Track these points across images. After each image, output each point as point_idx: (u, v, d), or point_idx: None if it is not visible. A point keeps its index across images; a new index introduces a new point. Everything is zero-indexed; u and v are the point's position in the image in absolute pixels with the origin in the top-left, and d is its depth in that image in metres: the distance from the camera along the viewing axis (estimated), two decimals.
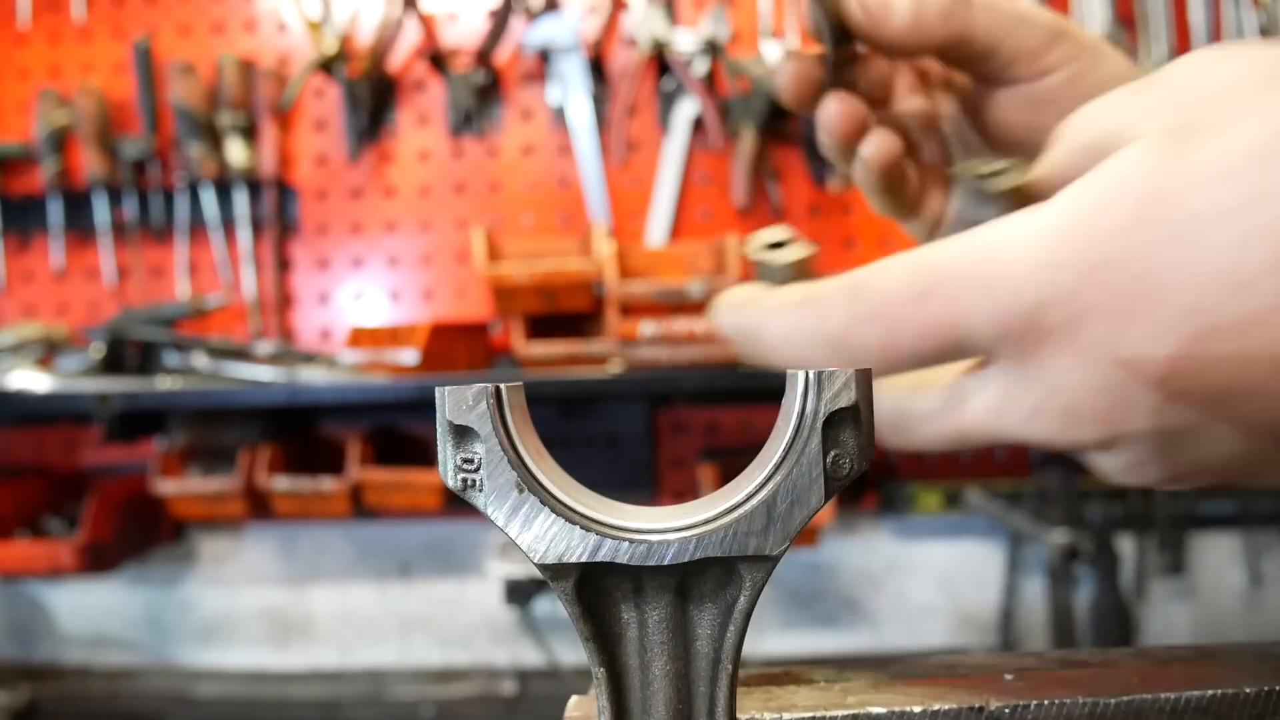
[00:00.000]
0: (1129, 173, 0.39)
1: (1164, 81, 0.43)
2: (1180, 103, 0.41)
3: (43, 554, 2.25)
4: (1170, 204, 0.37)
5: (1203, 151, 0.37)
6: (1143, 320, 0.38)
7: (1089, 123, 0.45)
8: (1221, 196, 0.37)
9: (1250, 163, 0.36)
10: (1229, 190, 0.36)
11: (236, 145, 2.52)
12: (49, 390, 2.17)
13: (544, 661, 2.48)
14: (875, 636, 2.52)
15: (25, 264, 2.68)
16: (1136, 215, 0.38)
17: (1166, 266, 0.37)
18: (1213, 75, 0.41)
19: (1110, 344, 0.39)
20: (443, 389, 0.36)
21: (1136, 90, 0.43)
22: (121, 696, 2.51)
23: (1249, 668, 0.39)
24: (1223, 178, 0.37)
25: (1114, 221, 0.38)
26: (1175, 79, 0.42)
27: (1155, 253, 0.38)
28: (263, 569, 2.64)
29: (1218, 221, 0.36)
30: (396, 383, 2.12)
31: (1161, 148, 0.39)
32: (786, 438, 0.36)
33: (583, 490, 0.38)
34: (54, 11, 2.65)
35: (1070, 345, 0.40)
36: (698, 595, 0.37)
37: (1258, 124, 0.37)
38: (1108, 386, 0.40)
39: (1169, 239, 0.37)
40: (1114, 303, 0.38)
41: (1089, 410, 0.41)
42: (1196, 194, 0.37)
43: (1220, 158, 0.37)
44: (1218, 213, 0.36)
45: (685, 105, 2.49)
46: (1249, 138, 0.37)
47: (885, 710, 0.37)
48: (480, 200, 2.61)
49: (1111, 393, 0.40)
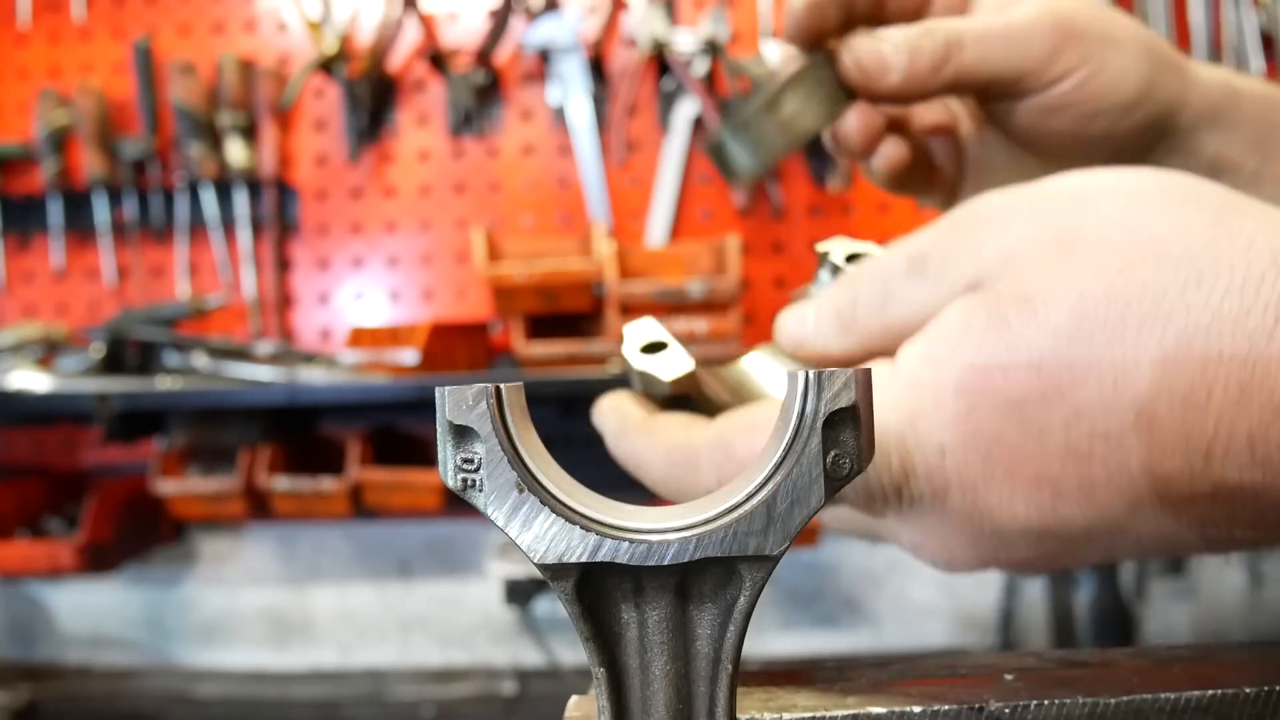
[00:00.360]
0: (954, 353, 0.42)
1: (966, 232, 0.44)
2: (982, 255, 0.43)
3: (43, 554, 2.25)
4: (993, 391, 0.40)
5: (1015, 333, 0.40)
6: (994, 494, 0.42)
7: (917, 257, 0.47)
8: (1035, 385, 0.39)
9: (1054, 348, 0.39)
10: (1041, 378, 0.39)
11: (236, 145, 2.52)
12: (49, 390, 2.17)
13: (544, 661, 2.48)
14: (875, 636, 2.52)
15: (25, 264, 2.68)
16: (968, 403, 0.41)
17: (1003, 448, 0.41)
18: (1012, 230, 0.42)
19: (971, 510, 0.43)
20: (443, 389, 0.36)
21: (952, 230, 0.45)
22: (121, 696, 2.51)
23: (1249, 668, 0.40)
24: (1036, 366, 0.39)
25: (948, 407, 0.42)
26: (976, 230, 0.44)
27: (991, 438, 0.41)
28: (263, 569, 2.64)
29: (1038, 405, 0.39)
30: (396, 383, 2.12)
31: (980, 326, 0.41)
32: (786, 438, 0.36)
33: (583, 490, 0.38)
34: (54, 11, 2.65)
35: (935, 509, 0.44)
36: (698, 595, 0.37)
37: (1061, 303, 0.39)
38: (975, 539, 0.44)
39: (1000, 425, 0.40)
40: (966, 478, 0.42)
41: (961, 553, 0.46)
42: (1014, 381, 0.40)
43: (1030, 343, 0.39)
44: (1037, 397, 0.39)
45: (685, 105, 2.49)
46: (1054, 323, 0.39)
47: (885, 710, 0.37)
48: (480, 200, 2.61)
49: (979, 543, 0.44)
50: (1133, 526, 0.40)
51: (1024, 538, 0.43)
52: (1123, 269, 0.38)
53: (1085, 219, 0.40)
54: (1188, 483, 0.38)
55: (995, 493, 0.41)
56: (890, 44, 0.60)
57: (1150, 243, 0.38)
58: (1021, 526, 0.42)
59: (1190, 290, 0.36)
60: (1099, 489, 0.39)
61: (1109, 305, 0.38)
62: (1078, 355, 0.38)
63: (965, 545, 0.45)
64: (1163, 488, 0.38)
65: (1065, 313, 0.39)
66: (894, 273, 0.46)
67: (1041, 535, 0.42)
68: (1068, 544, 0.42)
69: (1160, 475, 0.38)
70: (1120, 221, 0.40)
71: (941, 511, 0.44)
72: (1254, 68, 2.29)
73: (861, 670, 0.43)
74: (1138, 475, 0.38)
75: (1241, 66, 2.30)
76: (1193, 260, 0.37)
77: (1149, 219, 0.39)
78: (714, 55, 2.45)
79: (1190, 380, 0.36)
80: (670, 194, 2.53)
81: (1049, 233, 0.41)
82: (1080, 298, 0.38)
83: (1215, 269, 0.36)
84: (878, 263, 0.48)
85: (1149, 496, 0.39)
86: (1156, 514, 0.40)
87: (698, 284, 2.12)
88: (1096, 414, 0.38)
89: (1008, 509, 0.42)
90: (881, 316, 0.47)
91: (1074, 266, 0.39)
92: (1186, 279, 0.37)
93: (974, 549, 0.45)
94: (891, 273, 0.46)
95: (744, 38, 2.51)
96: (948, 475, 0.42)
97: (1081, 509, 0.40)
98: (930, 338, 0.43)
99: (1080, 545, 0.42)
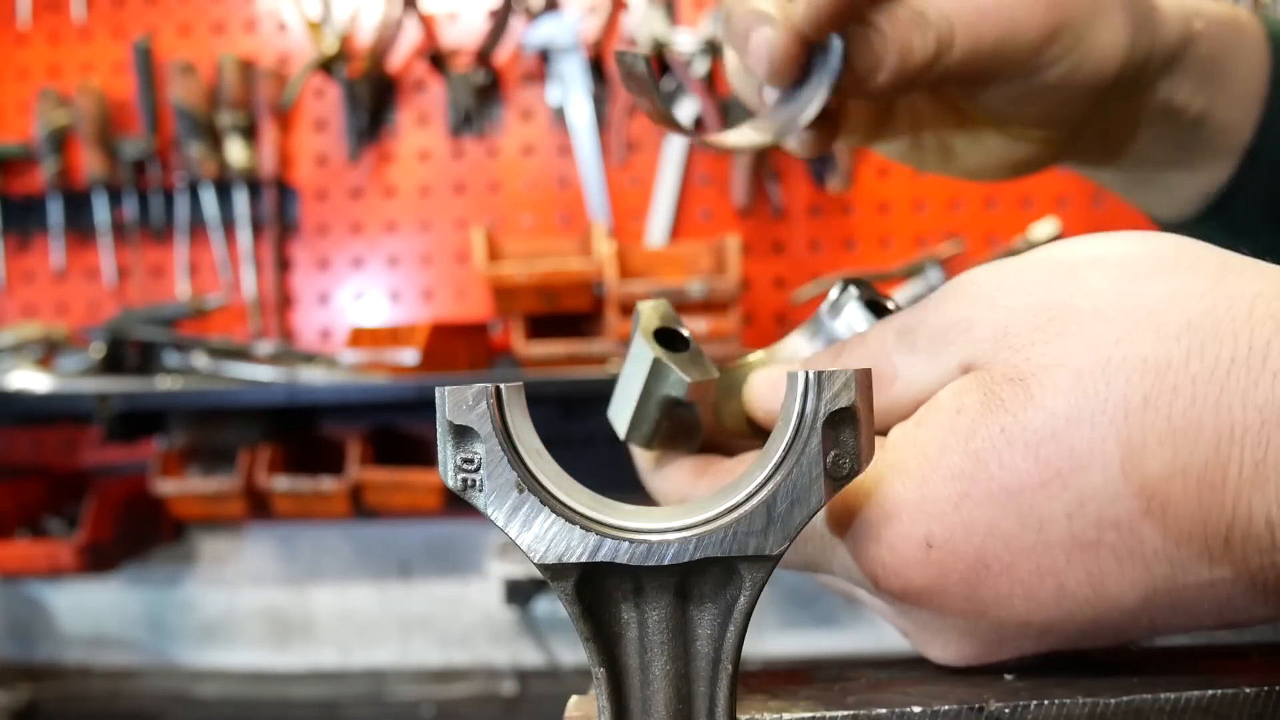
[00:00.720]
0: (945, 439, 0.39)
1: (956, 306, 0.42)
2: (974, 333, 0.41)
3: (43, 554, 2.24)
4: (987, 479, 0.38)
5: (1011, 416, 0.38)
6: (989, 589, 0.39)
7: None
8: (1033, 471, 0.37)
9: (1053, 430, 0.37)
10: (1039, 464, 0.37)
11: (236, 145, 2.52)
12: (49, 390, 2.17)
13: (544, 661, 2.48)
14: (875, 636, 2.51)
15: (25, 264, 2.68)
16: (960, 491, 0.39)
17: (998, 540, 0.38)
18: (1001, 305, 0.40)
19: (964, 607, 0.40)
20: (443, 389, 0.36)
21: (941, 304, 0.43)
22: (121, 696, 2.51)
23: (1249, 668, 0.39)
24: (1033, 451, 0.37)
25: (938, 496, 0.39)
26: (966, 305, 0.42)
27: (986, 530, 0.38)
28: (263, 569, 2.64)
29: (1037, 492, 0.37)
30: (396, 383, 2.12)
31: (974, 409, 0.39)
32: (786, 438, 0.36)
33: (583, 490, 0.38)
34: (54, 11, 2.65)
35: (922, 604, 0.41)
36: (698, 595, 0.37)
37: (1058, 382, 0.37)
38: (970, 634, 0.42)
39: (994, 515, 0.38)
40: (956, 573, 0.39)
41: (957, 648, 0.43)
42: (1010, 468, 0.37)
43: (1026, 425, 0.37)
44: (1036, 485, 0.37)
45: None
46: (1050, 405, 0.37)
47: (885, 710, 0.37)
48: (480, 200, 2.61)
49: (974, 639, 0.42)
50: (1146, 617, 0.38)
51: (1025, 631, 0.40)
52: (1119, 341, 0.36)
53: (1076, 291, 0.38)
54: (1207, 569, 0.35)
55: (991, 588, 0.39)
56: (883, 38, 0.55)
57: (1146, 313, 0.36)
58: (1021, 621, 0.39)
59: (1194, 361, 0.34)
60: (1110, 580, 0.37)
61: (1108, 383, 0.35)
62: (1078, 437, 0.36)
63: (961, 641, 0.42)
64: (1180, 576, 0.36)
65: (1062, 393, 0.36)
66: (883, 345, 0.45)
67: (1045, 629, 0.40)
68: (1075, 636, 0.40)
69: (1178, 563, 0.36)
70: (1112, 292, 0.37)
71: (929, 607, 0.42)
72: None
73: (861, 670, 0.43)
74: (1152, 564, 0.36)
75: None
76: (1193, 330, 0.35)
77: (1142, 288, 0.37)
78: (714, 55, 2.45)
79: (1204, 459, 0.34)
80: (670, 194, 2.53)
81: (1040, 307, 0.39)
82: (1077, 376, 0.36)
83: (1218, 338, 0.34)
84: (864, 339, 0.46)
85: (1164, 585, 0.36)
86: (1171, 604, 0.37)
87: (698, 284, 2.12)
88: (1104, 500, 0.36)
89: (1006, 605, 0.39)
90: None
91: (1067, 341, 0.37)
92: (1189, 350, 0.34)
93: (969, 644, 0.42)
94: (881, 345, 0.45)
95: None
96: (933, 570, 0.40)
97: (1090, 603, 0.38)
98: (922, 422, 0.41)
99: (1089, 636, 0.40)
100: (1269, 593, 0.35)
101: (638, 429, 0.49)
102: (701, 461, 0.51)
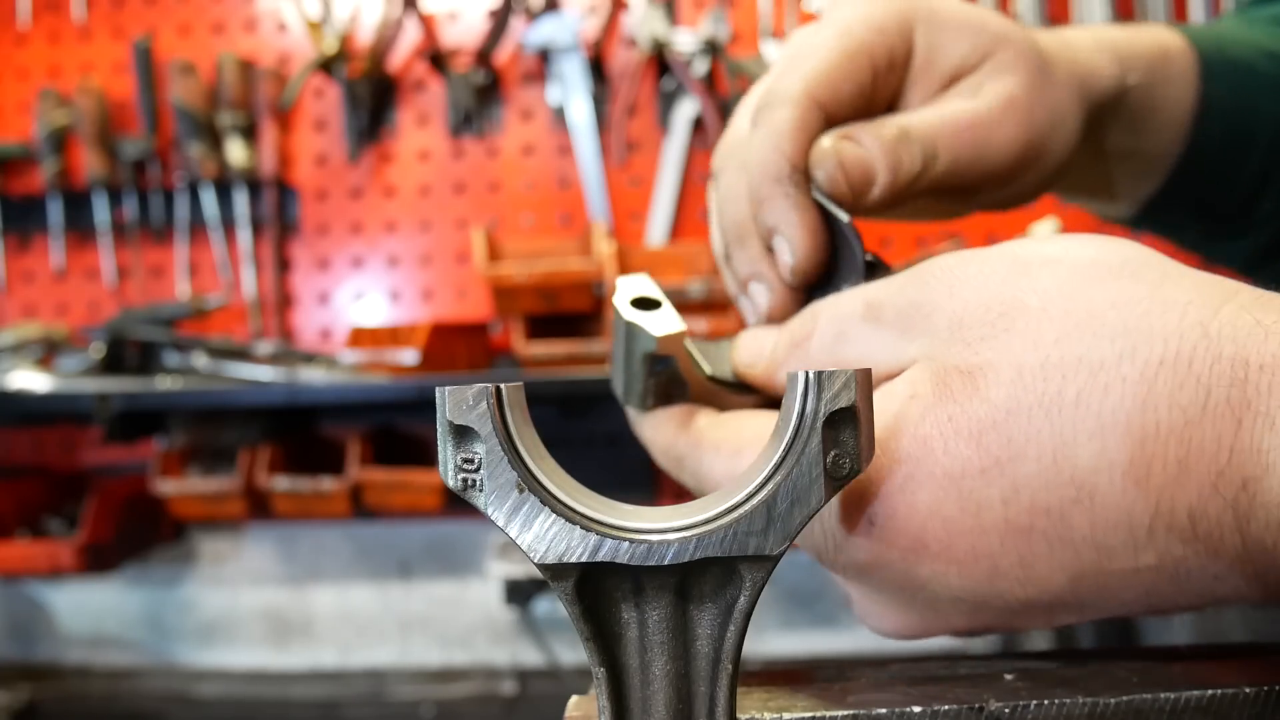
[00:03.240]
0: (896, 423, 0.42)
1: (919, 290, 0.44)
2: (933, 322, 0.43)
3: (43, 554, 2.25)
4: (931, 463, 0.40)
5: (958, 405, 0.40)
6: (926, 568, 0.41)
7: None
8: (974, 459, 0.39)
9: (994, 421, 0.39)
10: (980, 452, 0.39)
11: (236, 145, 2.52)
12: (49, 390, 2.17)
13: (544, 661, 2.48)
14: (875, 636, 2.51)
15: (25, 264, 2.68)
16: (905, 474, 0.41)
17: (937, 522, 0.40)
18: (959, 296, 0.43)
19: (902, 582, 0.43)
20: (443, 389, 0.36)
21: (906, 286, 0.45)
22: (121, 696, 2.51)
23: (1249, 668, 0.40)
24: (975, 439, 0.39)
25: (884, 477, 0.41)
26: (929, 291, 0.44)
27: (927, 511, 0.40)
28: (263, 569, 2.64)
29: (976, 479, 0.39)
30: (396, 383, 2.12)
31: (925, 397, 0.41)
32: (786, 438, 0.36)
33: (583, 490, 0.38)
34: (54, 11, 2.65)
35: (862, 577, 0.44)
36: (698, 595, 0.37)
37: (1001, 375, 0.39)
38: (907, 607, 0.45)
39: (935, 498, 0.40)
40: (895, 550, 0.42)
41: (893, 621, 0.47)
42: (953, 454, 0.40)
43: (971, 415, 0.39)
44: (976, 471, 0.39)
45: (685, 105, 2.49)
46: (993, 397, 0.39)
47: (885, 710, 0.37)
48: (480, 200, 2.61)
49: (911, 611, 0.45)
50: (1074, 599, 0.40)
51: (957, 608, 0.43)
52: (1059, 340, 0.38)
53: (1028, 289, 0.41)
54: (1132, 557, 0.37)
55: (929, 566, 0.41)
56: (872, 154, 0.56)
57: (1087, 315, 0.38)
58: (955, 597, 0.42)
59: (1125, 363, 0.36)
60: (1040, 563, 0.39)
61: (1046, 379, 0.38)
62: (1016, 429, 0.38)
63: (897, 613, 0.46)
64: (1106, 563, 0.38)
65: (1004, 386, 0.39)
66: (851, 315, 0.47)
67: (977, 607, 0.42)
68: (1006, 615, 0.42)
69: (1104, 549, 0.38)
70: (1059, 292, 0.40)
71: (870, 580, 0.44)
72: None
73: (861, 670, 0.43)
74: (1081, 549, 0.38)
75: None
76: (1127, 333, 0.37)
77: (1088, 290, 0.39)
78: (714, 55, 2.45)
79: (1129, 455, 0.36)
80: (670, 194, 2.53)
81: (994, 302, 0.41)
82: (1018, 372, 0.38)
83: (1149, 341, 0.36)
84: (838, 301, 0.49)
85: (1091, 570, 0.39)
86: (1098, 588, 0.39)
87: (698, 284, 2.12)
88: (1036, 487, 0.38)
89: (941, 582, 0.41)
90: (833, 353, 0.48)
91: (1012, 338, 0.39)
92: (1121, 351, 0.37)
93: (905, 617, 0.45)
94: (850, 314, 0.47)
95: (744, 38, 2.51)
96: (875, 546, 0.42)
97: (1020, 584, 0.40)
98: (877, 408, 0.43)
99: (1019, 616, 0.42)
100: (1191, 580, 0.37)
101: (631, 390, 0.53)
102: (686, 410, 0.53)
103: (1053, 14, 2.38)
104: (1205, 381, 0.35)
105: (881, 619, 0.47)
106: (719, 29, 2.45)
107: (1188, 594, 0.38)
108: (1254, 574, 0.36)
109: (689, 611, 0.37)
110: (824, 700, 0.39)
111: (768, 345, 0.52)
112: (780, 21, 2.50)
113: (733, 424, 0.51)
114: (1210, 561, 0.36)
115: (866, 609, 0.48)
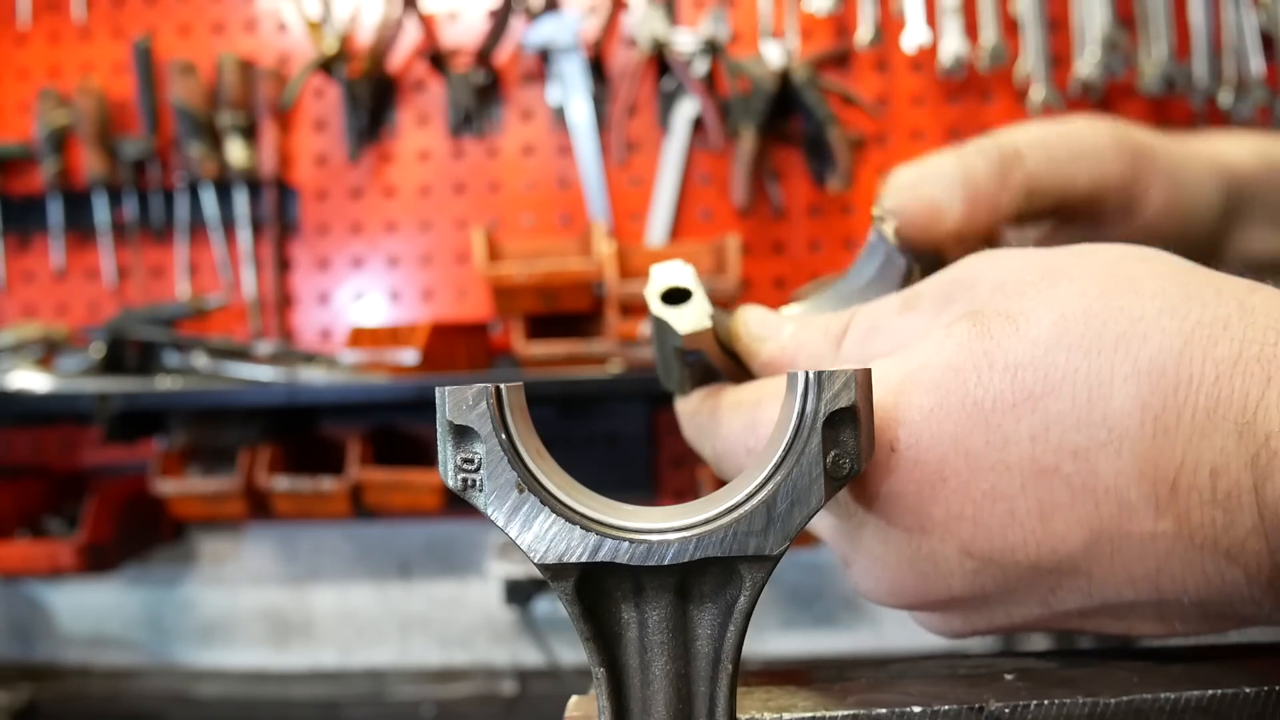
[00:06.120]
0: (928, 356, 0.42)
1: (961, 271, 0.46)
2: (976, 291, 0.44)
3: (43, 554, 2.24)
4: (963, 392, 0.40)
5: (995, 342, 0.40)
6: (941, 505, 0.41)
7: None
8: (1007, 390, 0.39)
9: (1032, 355, 0.39)
10: (1015, 384, 0.39)
11: (236, 145, 2.52)
12: (49, 390, 2.17)
13: (544, 661, 2.48)
14: (875, 636, 2.51)
15: (25, 264, 2.68)
16: (934, 401, 0.41)
17: (961, 454, 0.40)
18: (1002, 266, 0.44)
19: (910, 521, 0.42)
20: (443, 389, 0.36)
21: (947, 278, 0.47)
22: (121, 696, 2.51)
23: (1249, 668, 0.40)
24: (1011, 371, 0.40)
25: (912, 403, 0.41)
26: (971, 269, 0.46)
27: (951, 440, 0.40)
28: (263, 569, 2.64)
29: (1007, 412, 0.39)
30: (396, 383, 2.12)
31: (961, 335, 0.42)
32: (786, 438, 0.36)
33: (583, 490, 0.38)
34: (54, 11, 2.65)
35: (872, 515, 0.43)
36: (698, 595, 0.37)
37: (1042, 318, 0.40)
38: (909, 559, 0.43)
39: (962, 428, 0.40)
40: (913, 481, 0.41)
41: (889, 575, 0.45)
42: (986, 384, 0.40)
43: (1008, 349, 0.40)
44: (1008, 404, 0.39)
45: (685, 105, 2.49)
46: (1033, 335, 0.40)
47: (885, 710, 0.37)
48: (480, 200, 2.61)
49: (909, 564, 0.43)
50: (1084, 564, 0.39)
51: (961, 563, 0.41)
52: (1102, 294, 0.40)
53: (1069, 262, 0.43)
54: (1151, 518, 0.37)
55: (943, 503, 0.40)
56: (931, 181, 0.57)
57: (1128, 279, 0.40)
58: (963, 548, 0.41)
59: (1165, 316, 0.38)
60: (1059, 514, 0.39)
61: (1087, 322, 0.39)
62: (1054, 364, 0.39)
63: (895, 571, 0.44)
64: (1125, 522, 0.38)
65: (1045, 326, 0.40)
66: (888, 310, 0.48)
67: (982, 564, 0.41)
68: (1007, 583, 0.41)
69: (1126, 505, 0.38)
70: (1100, 264, 0.42)
71: (877, 520, 0.43)
72: (1254, 68, 2.29)
73: (861, 670, 0.43)
74: (1102, 501, 0.38)
75: (1242, 66, 2.30)
76: (1167, 294, 0.39)
77: (1127, 265, 0.42)
78: (714, 55, 2.45)
79: (1162, 400, 0.37)
80: (670, 194, 2.53)
81: (1037, 267, 0.43)
82: (1061, 315, 0.40)
83: (1188, 304, 0.38)
84: (877, 302, 0.50)
85: (1110, 528, 0.38)
86: (1111, 555, 0.39)
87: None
88: (1067, 426, 0.38)
89: (954, 525, 0.40)
90: (864, 347, 0.48)
91: (1057, 290, 0.41)
92: (1161, 308, 0.38)
93: (903, 575, 0.44)
94: (886, 310, 0.48)
95: (744, 38, 2.51)
96: (892, 475, 0.41)
97: (1035, 538, 0.39)
98: (910, 348, 0.44)
99: (1020, 587, 0.41)
100: (1204, 558, 0.37)
101: (670, 378, 0.57)
102: (716, 386, 0.56)
103: (1053, 14, 2.38)
104: (1240, 341, 0.36)
105: (879, 579, 0.45)
106: (719, 29, 2.45)
107: (1196, 578, 0.38)
108: (1267, 551, 0.36)
109: (689, 611, 0.37)
110: (824, 700, 0.39)
111: (786, 329, 0.53)
112: (780, 21, 2.50)
113: (754, 384, 0.52)
114: (1225, 533, 0.36)
115: (864, 569, 0.46)
